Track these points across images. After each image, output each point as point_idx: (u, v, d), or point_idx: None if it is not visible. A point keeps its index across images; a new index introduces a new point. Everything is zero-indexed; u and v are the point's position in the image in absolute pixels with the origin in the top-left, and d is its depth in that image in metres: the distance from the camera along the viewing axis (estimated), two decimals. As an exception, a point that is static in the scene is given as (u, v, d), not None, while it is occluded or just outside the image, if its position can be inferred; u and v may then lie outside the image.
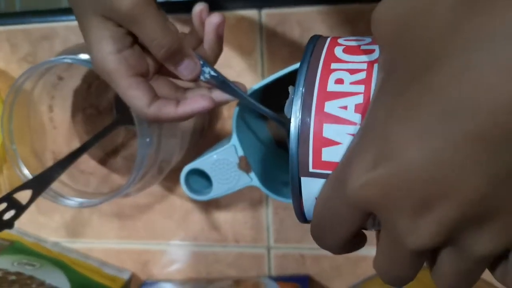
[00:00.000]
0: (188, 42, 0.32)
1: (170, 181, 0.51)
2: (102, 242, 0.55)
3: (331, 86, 0.19)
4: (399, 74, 0.16)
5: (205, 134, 0.50)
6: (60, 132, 0.49)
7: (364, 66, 0.19)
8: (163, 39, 0.28)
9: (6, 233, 0.54)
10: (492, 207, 0.14)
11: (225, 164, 0.36)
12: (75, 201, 0.40)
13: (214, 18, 0.31)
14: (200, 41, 0.33)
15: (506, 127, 0.12)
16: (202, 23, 0.32)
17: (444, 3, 0.14)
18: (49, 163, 0.47)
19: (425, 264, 0.17)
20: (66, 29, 0.50)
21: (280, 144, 0.43)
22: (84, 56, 0.36)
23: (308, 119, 0.19)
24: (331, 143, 0.19)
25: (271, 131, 0.44)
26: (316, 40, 0.22)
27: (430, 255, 0.17)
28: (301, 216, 0.21)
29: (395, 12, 0.16)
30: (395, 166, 0.14)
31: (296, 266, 0.51)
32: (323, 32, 0.45)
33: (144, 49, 0.30)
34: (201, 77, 0.32)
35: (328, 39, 0.22)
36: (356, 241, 0.19)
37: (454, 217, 0.14)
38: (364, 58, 0.20)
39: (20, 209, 0.36)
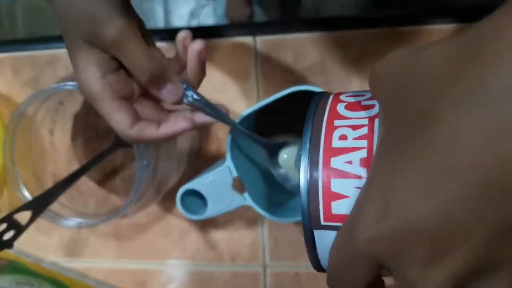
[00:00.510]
0: (172, 67, 0.33)
1: (167, 201, 0.52)
2: (100, 262, 0.55)
3: (336, 143, 0.20)
4: (398, 130, 0.16)
5: (201, 155, 0.51)
6: (60, 155, 0.50)
7: (366, 121, 0.21)
8: (145, 65, 0.30)
9: (5, 252, 0.55)
10: (496, 260, 0.14)
11: (219, 185, 0.37)
12: (73, 221, 0.41)
13: (196, 45, 0.32)
14: (184, 66, 0.34)
15: (495, 186, 0.13)
16: (186, 49, 0.33)
17: (434, 66, 0.15)
18: (50, 185, 0.48)
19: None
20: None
21: (273, 165, 0.45)
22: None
23: (316, 175, 0.20)
24: (339, 196, 0.20)
25: (263, 152, 0.45)
26: (320, 98, 0.23)
27: None
28: (317, 266, 0.22)
29: (390, 71, 0.18)
30: (402, 220, 0.15)
31: (291, 284, 0.52)
32: (314, 57, 0.47)
33: (129, 73, 0.32)
34: (185, 100, 0.33)
35: (331, 96, 0.23)
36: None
37: (460, 269, 0.15)
38: (364, 113, 0.21)
39: (20, 229, 0.37)
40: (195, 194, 0.39)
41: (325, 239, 0.20)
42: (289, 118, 0.45)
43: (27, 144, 0.46)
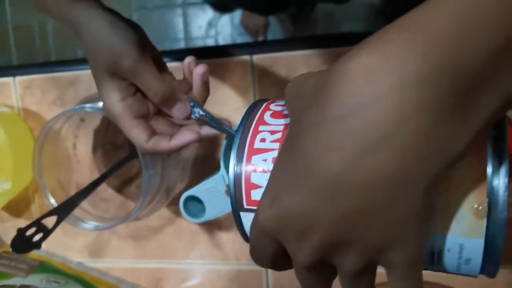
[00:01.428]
0: (181, 87, 0.38)
1: (178, 205, 0.57)
2: (120, 262, 0.61)
3: (257, 144, 0.26)
4: (286, 138, 0.22)
5: (207, 161, 0.56)
6: (82, 165, 0.56)
7: (281, 128, 0.26)
8: (157, 88, 0.35)
9: (36, 254, 0.61)
10: (345, 238, 0.20)
11: (215, 191, 0.42)
12: (91, 224, 0.47)
13: (200, 69, 0.37)
14: (191, 86, 0.39)
15: (329, 190, 0.19)
16: (191, 73, 0.38)
17: (306, 93, 0.21)
18: (74, 192, 0.54)
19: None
20: (89, 76, 0.58)
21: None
22: (101, 105, 0.44)
23: (241, 169, 0.26)
24: (257, 186, 0.26)
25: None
26: (256, 104, 0.30)
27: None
28: (246, 238, 0.28)
29: (291, 91, 0.23)
30: (281, 207, 0.20)
31: (291, 280, 0.56)
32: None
33: (145, 95, 0.37)
34: (192, 116, 0.38)
35: (264, 105, 0.30)
36: (285, 261, 0.23)
37: (320, 243, 0.20)
38: (282, 121, 0.27)
39: (47, 232, 0.43)
40: (197, 199, 0.44)
41: (248, 219, 0.27)
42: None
43: (54, 156, 0.52)
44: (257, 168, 0.26)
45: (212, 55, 0.54)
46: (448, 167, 0.18)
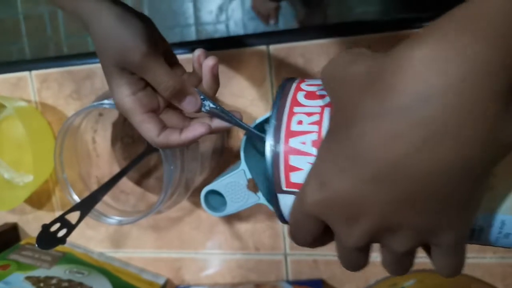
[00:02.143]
0: (191, 80, 0.38)
1: (197, 197, 0.57)
2: (141, 252, 0.62)
3: (294, 126, 0.26)
4: (333, 125, 0.22)
5: (226, 153, 0.56)
6: (102, 159, 0.57)
7: (318, 109, 0.26)
8: (167, 82, 0.35)
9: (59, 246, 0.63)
10: (398, 222, 0.20)
11: (236, 186, 0.42)
12: (115, 219, 0.48)
13: (209, 61, 0.36)
14: (201, 79, 0.39)
15: (384, 175, 0.19)
16: (200, 65, 0.38)
17: (354, 81, 0.21)
18: (94, 185, 0.55)
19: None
20: (104, 69, 0.58)
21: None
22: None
23: (279, 151, 0.26)
24: (296, 169, 0.25)
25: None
26: (286, 84, 0.29)
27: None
28: (283, 220, 0.29)
29: (331, 76, 0.23)
30: (330, 191, 0.21)
31: (310, 271, 0.57)
32: (323, 62, 0.51)
33: (155, 89, 0.37)
34: (203, 109, 0.38)
35: (294, 84, 0.29)
36: (324, 239, 0.25)
37: (370, 228, 0.21)
38: (319, 102, 0.26)
39: (71, 227, 0.44)
40: (217, 193, 0.45)
41: (286, 201, 0.27)
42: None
43: (74, 151, 0.53)
44: (295, 151, 0.25)
45: (227, 45, 0.54)
46: (506, 154, 0.19)
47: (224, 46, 0.54)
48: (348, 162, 0.20)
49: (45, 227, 0.42)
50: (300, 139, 0.25)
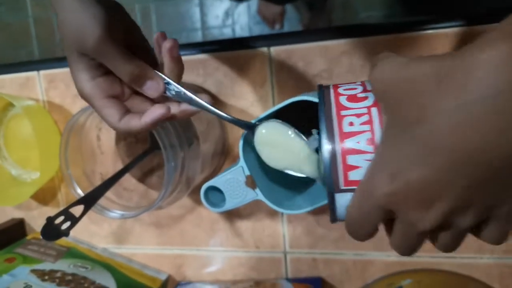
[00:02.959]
0: (157, 67, 0.38)
1: (198, 194, 0.59)
2: (143, 248, 0.64)
3: (346, 128, 0.28)
4: (399, 122, 0.24)
5: (228, 154, 0.58)
6: (106, 156, 0.58)
7: (365, 110, 0.28)
8: (125, 68, 0.35)
9: (64, 240, 0.64)
10: (468, 203, 0.23)
11: (235, 182, 0.44)
12: (117, 213, 0.49)
13: (167, 43, 0.36)
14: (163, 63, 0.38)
15: (459, 161, 0.21)
16: (160, 48, 0.37)
17: (419, 80, 0.23)
18: (98, 182, 0.56)
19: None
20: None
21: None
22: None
23: (336, 153, 0.28)
24: (354, 167, 0.27)
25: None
26: (323, 92, 0.31)
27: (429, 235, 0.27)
28: (335, 219, 0.31)
29: (386, 78, 0.25)
30: (402, 183, 0.23)
31: (309, 269, 0.58)
32: (322, 64, 0.52)
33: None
34: (168, 93, 0.38)
35: (331, 90, 0.31)
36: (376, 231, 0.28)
37: (445, 210, 0.23)
38: (363, 104, 0.29)
39: (74, 220, 0.45)
40: (217, 189, 0.46)
41: (343, 199, 0.28)
42: (298, 117, 0.51)
43: (79, 149, 0.54)
44: (352, 150, 0.27)
45: (229, 47, 0.55)
46: None
47: (226, 48, 0.55)
48: (421, 154, 0.22)
49: (50, 220, 0.44)
50: (355, 139, 0.27)
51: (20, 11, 1.70)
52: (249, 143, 0.45)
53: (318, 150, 0.33)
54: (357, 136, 0.27)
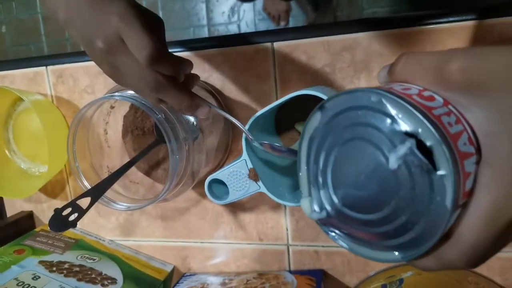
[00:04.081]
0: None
1: (203, 188, 0.60)
2: (149, 240, 0.65)
3: (462, 148, 0.21)
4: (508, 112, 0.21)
5: (232, 150, 0.58)
6: (113, 150, 0.59)
7: (447, 109, 0.22)
8: (182, 100, 0.39)
9: (72, 232, 0.66)
10: None
11: (238, 175, 0.45)
12: (123, 205, 0.50)
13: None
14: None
15: None
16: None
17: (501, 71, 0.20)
18: (105, 175, 0.57)
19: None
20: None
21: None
22: (129, 93, 0.46)
23: (457, 166, 0.21)
24: (468, 175, 0.21)
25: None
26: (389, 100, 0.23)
27: None
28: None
29: (475, 65, 0.21)
30: None
31: (312, 261, 0.58)
32: (325, 59, 0.53)
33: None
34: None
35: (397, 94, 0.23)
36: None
37: None
38: (439, 102, 0.23)
39: (82, 212, 0.46)
40: (221, 182, 0.47)
41: (454, 217, 0.22)
42: (298, 110, 0.51)
43: (86, 142, 0.55)
44: (465, 154, 0.21)
45: (234, 43, 0.56)
46: None
47: (231, 44, 0.56)
48: None
49: (58, 211, 0.45)
50: (462, 141, 0.21)
51: (29, 8, 1.72)
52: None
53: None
54: (461, 137, 0.21)
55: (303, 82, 0.54)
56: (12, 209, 0.71)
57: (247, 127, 0.44)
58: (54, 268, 0.55)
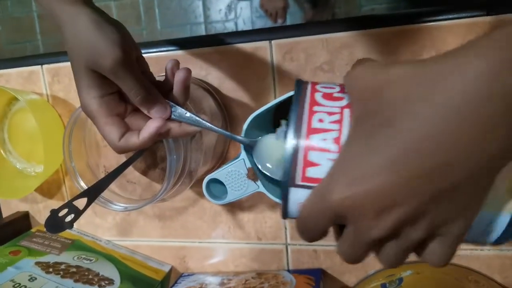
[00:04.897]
0: (162, 88, 0.39)
1: (201, 187, 0.59)
2: (147, 240, 0.64)
3: (315, 124, 0.27)
4: (367, 126, 0.23)
5: (229, 152, 0.58)
6: (110, 149, 0.58)
7: (338, 110, 0.27)
8: (138, 90, 0.36)
9: (68, 233, 0.65)
10: (423, 214, 0.22)
11: (236, 174, 0.44)
12: (120, 206, 0.50)
13: (181, 74, 0.38)
14: (172, 87, 0.40)
15: (417, 173, 0.21)
16: (173, 75, 0.39)
17: (395, 85, 0.22)
18: (102, 175, 0.57)
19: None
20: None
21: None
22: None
23: (299, 147, 0.27)
24: (313, 164, 0.26)
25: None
26: (301, 86, 0.30)
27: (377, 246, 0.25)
28: (286, 214, 0.30)
29: (364, 78, 0.24)
30: (361, 189, 0.22)
31: (310, 260, 0.58)
32: (323, 57, 0.52)
33: (123, 95, 0.38)
34: (172, 115, 0.39)
35: (309, 86, 0.30)
36: (325, 235, 0.27)
37: (399, 220, 0.22)
38: (337, 103, 0.28)
39: (78, 213, 0.46)
40: (219, 182, 0.46)
41: (296, 195, 0.28)
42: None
43: (82, 142, 0.55)
44: (315, 147, 0.27)
45: (231, 40, 0.56)
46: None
47: (229, 42, 0.55)
48: (388, 160, 0.21)
49: (54, 212, 0.44)
50: (321, 136, 0.27)
51: (25, 7, 1.71)
52: (251, 136, 0.45)
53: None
54: (324, 133, 0.26)
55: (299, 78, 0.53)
56: (7, 210, 0.70)
57: (245, 126, 0.43)
58: (51, 269, 0.55)
